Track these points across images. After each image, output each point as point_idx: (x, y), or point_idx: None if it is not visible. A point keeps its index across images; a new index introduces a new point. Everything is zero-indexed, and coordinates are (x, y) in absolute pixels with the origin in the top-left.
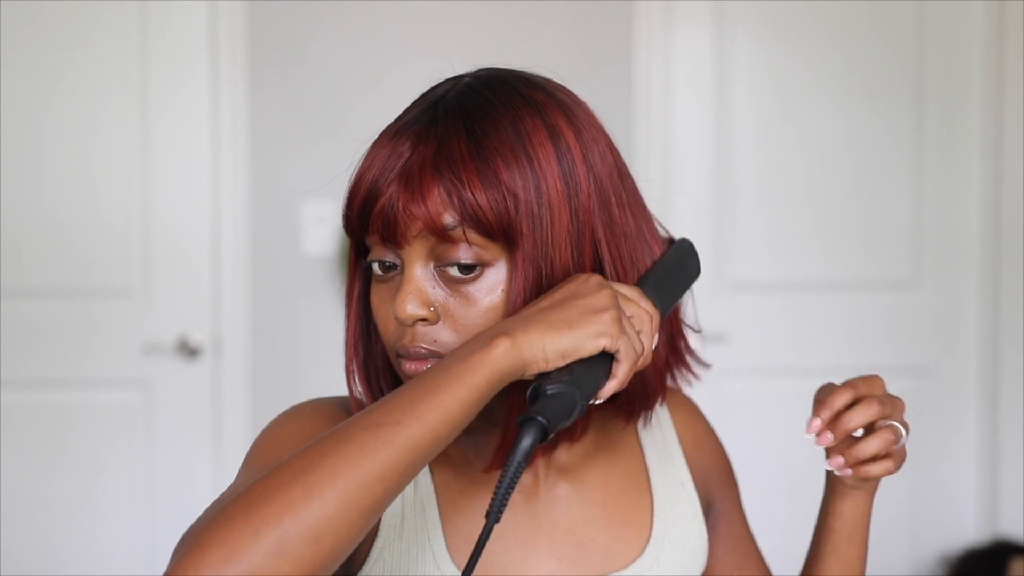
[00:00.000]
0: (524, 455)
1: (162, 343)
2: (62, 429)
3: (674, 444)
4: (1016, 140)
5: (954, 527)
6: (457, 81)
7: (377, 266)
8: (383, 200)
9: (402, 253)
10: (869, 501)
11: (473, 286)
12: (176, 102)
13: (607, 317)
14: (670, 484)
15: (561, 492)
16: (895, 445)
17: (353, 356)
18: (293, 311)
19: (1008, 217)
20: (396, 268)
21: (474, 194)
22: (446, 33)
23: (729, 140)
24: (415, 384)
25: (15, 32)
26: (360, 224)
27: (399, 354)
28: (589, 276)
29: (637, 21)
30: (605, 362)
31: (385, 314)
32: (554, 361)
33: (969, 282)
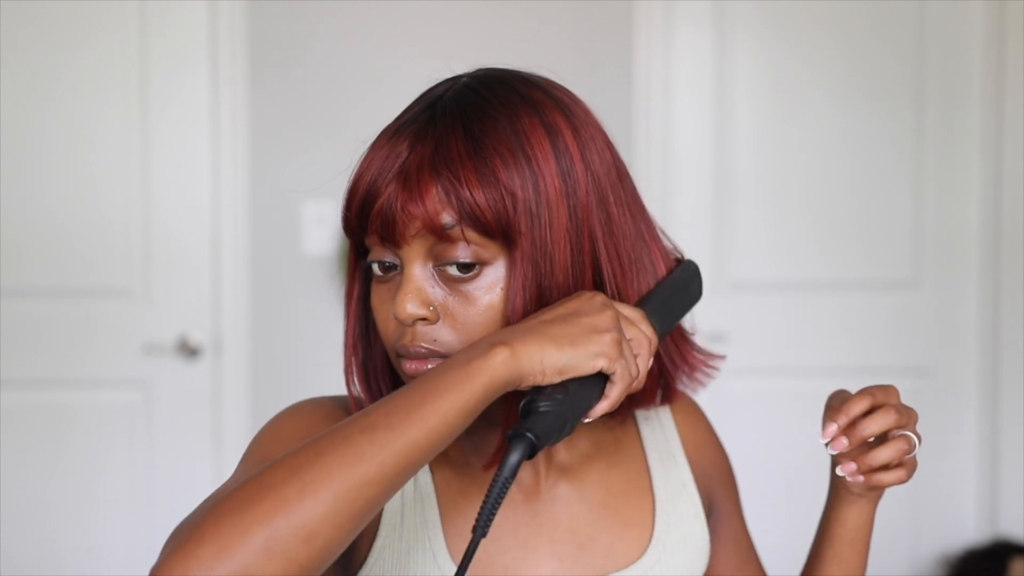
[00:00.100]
0: (512, 471)
1: (162, 343)
2: (62, 429)
3: (676, 445)
4: (1016, 140)
5: (954, 527)
6: (455, 81)
7: (376, 266)
8: (381, 200)
9: (401, 253)
10: (873, 509)
11: (472, 285)
12: (176, 102)
13: (608, 338)
14: (672, 485)
15: (562, 492)
16: (908, 455)
17: (352, 356)
18: (293, 311)
19: (1008, 217)
20: (395, 268)
21: (472, 193)
22: (446, 33)
23: (729, 140)
24: (413, 388)
25: (15, 32)
26: (359, 224)
27: (399, 354)
28: (594, 295)
29: (637, 21)
30: (599, 382)
31: (385, 314)
32: (551, 376)
33: (969, 282)
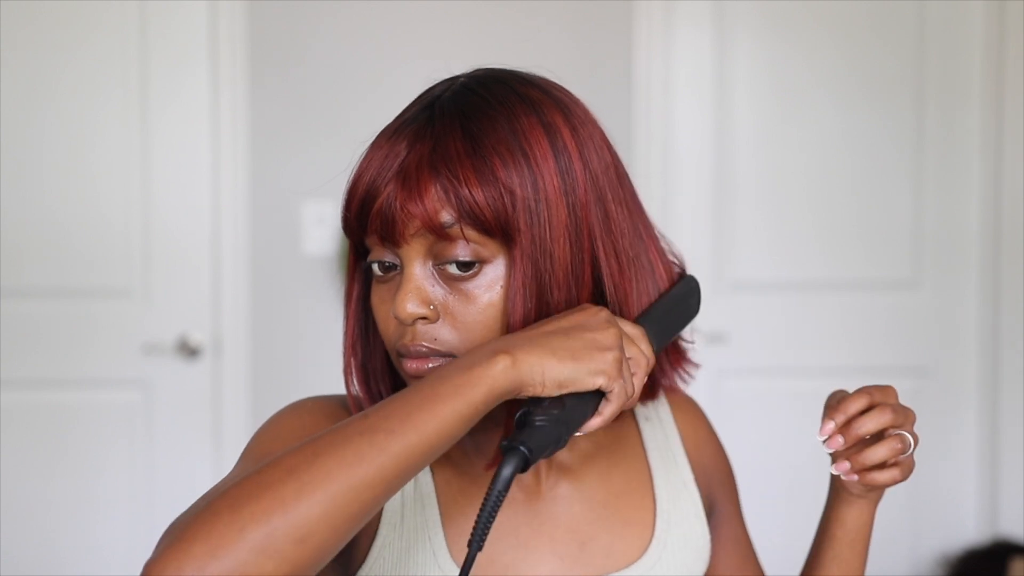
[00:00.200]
0: (505, 484)
1: (162, 343)
2: (62, 429)
3: (676, 444)
4: (1016, 140)
5: (954, 527)
6: (453, 82)
7: (376, 267)
8: (381, 200)
9: (401, 252)
10: (872, 510)
11: (472, 283)
12: (176, 102)
13: (610, 357)
14: (673, 484)
15: (563, 491)
16: (902, 455)
17: (351, 357)
18: (293, 311)
19: (1008, 217)
20: (395, 268)
21: (471, 191)
22: (446, 33)
23: (729, 140)
24: (413, 392)
25: (15, 32)
26: (359, 224)
27: (400, 353)
28: (599, 310)
29: (637, 21)
30: (595, 398)
31: (385, 314)
32: (550, 388)
33: (969, 282)
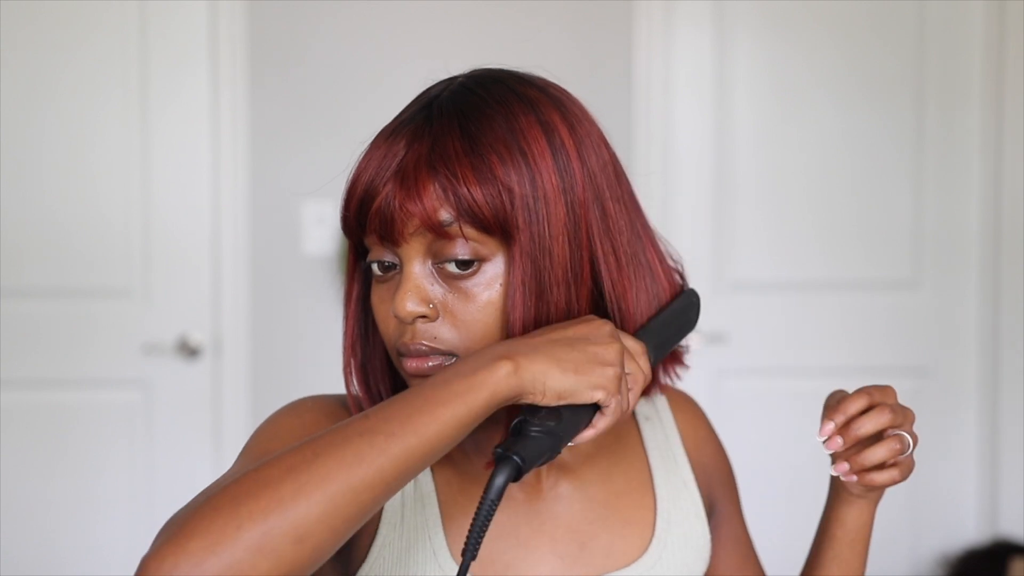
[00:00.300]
0: (497, 494)
1: (162, 343)
2: (62, 429)
3: (677, 443)
4: (1016, 140)
5: (954, 527)
6: (451, 82)
7: (376, 266)
8: (380, 199)
9: (400, 251)
10: (872, 510)
11: (471, 281)
12: (176, 102)
13: (611, 372)
14: (673, 483)
15: (563, 491)
16: (901, 455)
17: (351, 358)
18: (293, 311)
19: (1008, 217)
20: (395, 268)
21: (469, 189)
22: (446, 33)
23: (729, 140)
24: (414, 394)
25: (15, 32)
26: (358, 224)
27: (400, 352)
28: (603, 323)
29: (637, 21)
30: (591, 411)
31: (385, 313)
32: (550, 398)
33: (969, 282)
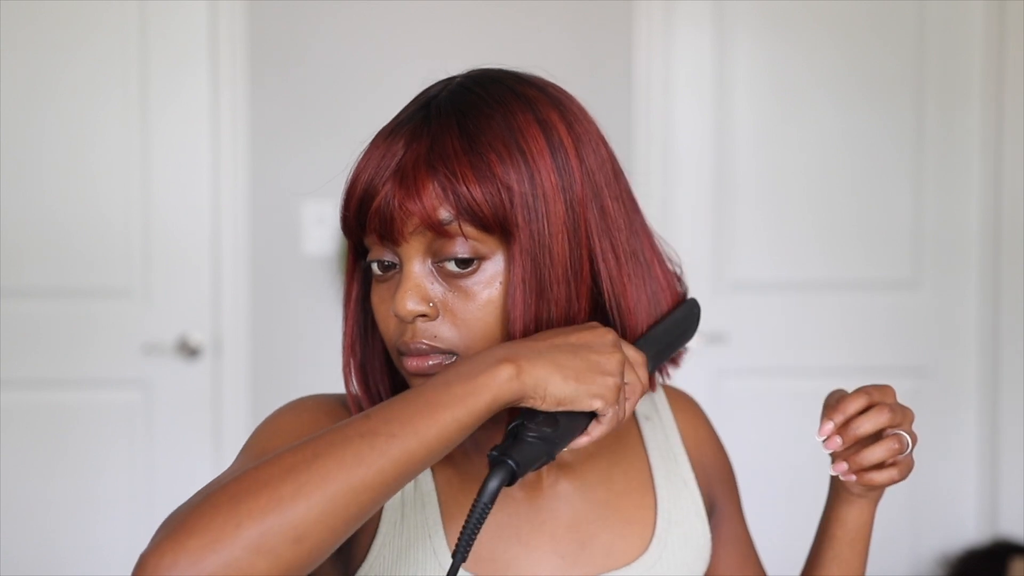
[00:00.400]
0: (491, 497)
1: (162, 343)
2: (62, 429)
3: (677, 443)
4: (1016, 140)
5: (954, 527)
6: (449, 82)
7: (376, 266)
8: (379, 198)
9: (400, 251)
10: (872, 509)
11: (471, 280)
12: (176, 102)
13: (611, 382)
14: (673, 483)
15: (563, 489)
16: (900, 455)
17: (351, 358)
18: (293, 311)
19: (1008, 217)
20: (395, 267)
21: (468, 188)
22: (446, 33)
23: (729, 140)
24: (415, 396)
25: (15, 32)
26: (357, 224)
27: (400, 351)
28: (606, 332)
29: (637, 21)
30: (587, 419)
31: (385, 313)
32: (549, 404)
33: (969, 282)
